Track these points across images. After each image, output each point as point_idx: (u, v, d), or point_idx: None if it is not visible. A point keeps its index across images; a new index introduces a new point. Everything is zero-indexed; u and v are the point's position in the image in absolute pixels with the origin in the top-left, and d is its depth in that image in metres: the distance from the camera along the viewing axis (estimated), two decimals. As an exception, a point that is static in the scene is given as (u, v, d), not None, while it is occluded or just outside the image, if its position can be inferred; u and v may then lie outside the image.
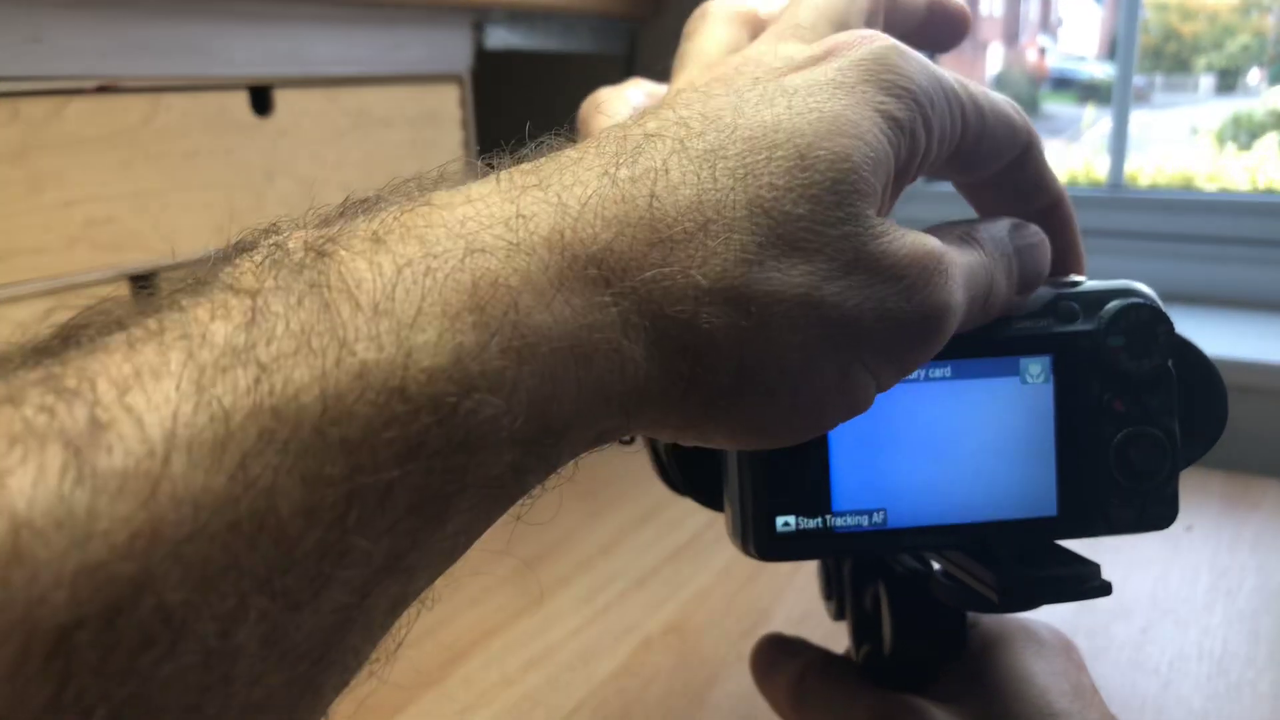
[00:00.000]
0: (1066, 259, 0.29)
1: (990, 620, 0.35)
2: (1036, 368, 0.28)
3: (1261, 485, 0.79)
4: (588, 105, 0.29)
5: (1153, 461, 0.28)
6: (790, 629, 0.60)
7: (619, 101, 0.29)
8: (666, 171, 0.20)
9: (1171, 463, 0.28)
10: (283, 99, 0.70)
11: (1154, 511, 0.28)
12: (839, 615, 0.39)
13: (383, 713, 0.53)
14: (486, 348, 0.17)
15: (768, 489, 0.27)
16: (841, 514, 0.28)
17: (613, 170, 0.20)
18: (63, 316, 0.17)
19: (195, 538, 0.14)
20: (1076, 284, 0.29)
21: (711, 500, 0.32)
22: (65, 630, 0.13)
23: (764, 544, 0.28)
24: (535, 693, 0.54)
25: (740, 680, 0.54)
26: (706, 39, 0.27)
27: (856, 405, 0.22)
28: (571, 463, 0.21)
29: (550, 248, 0.19)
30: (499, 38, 0.87)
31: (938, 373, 0.28)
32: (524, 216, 0.19)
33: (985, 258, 0.25)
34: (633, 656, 0.57)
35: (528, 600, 0.64)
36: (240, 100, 0.67)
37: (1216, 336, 0.92)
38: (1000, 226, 0.27)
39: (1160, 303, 0.28)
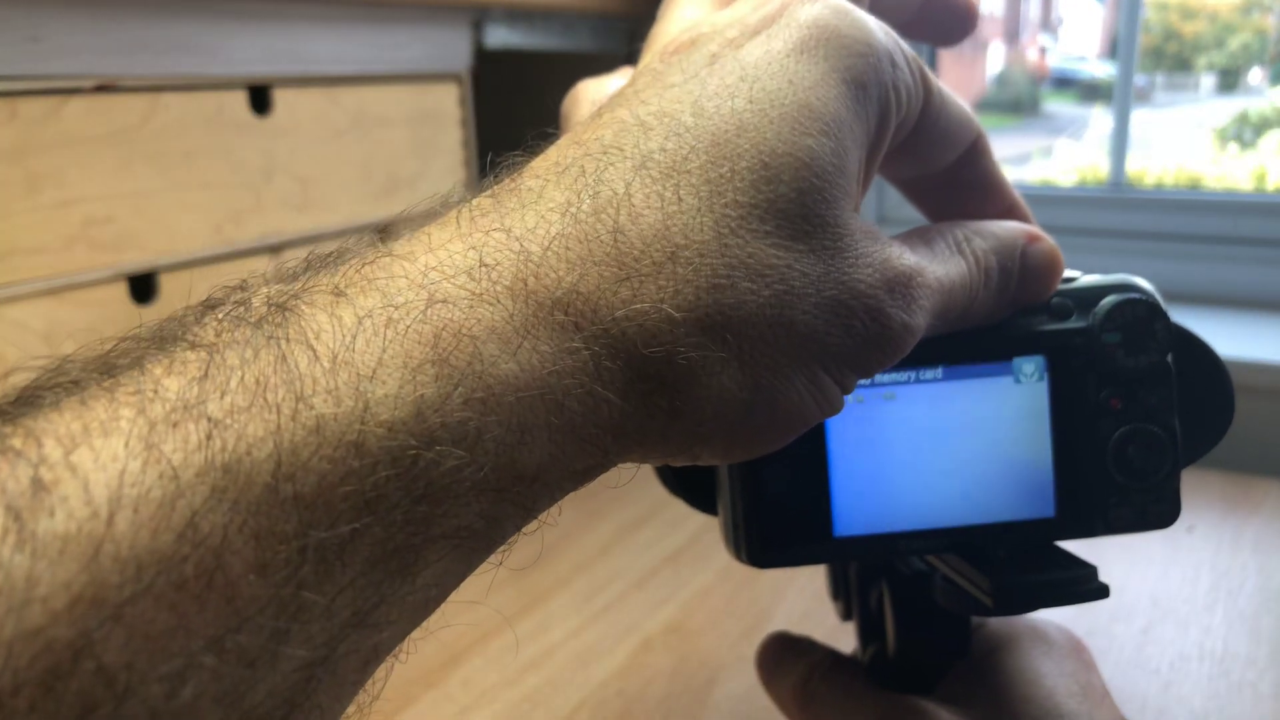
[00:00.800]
0: None
1: (997, 620, 0.35)
2: (1030, 367, 0.27)
3: (1263, 486, 0.78)
4: (569, 100, 0.29)
5: (1152, 459, 0.27)
6: (791, 629, 0.60)
7: (600, 94, 0.28)
8: (629, 198, 0.20)
9: (1172, 460, 0.27)
10: (281, 98, 0.70)
11: (1155, 510, 0.28)
12: (846, 615, 0.39)
13: (382, 714, 0.52)
14: (449, 399, 0.17)
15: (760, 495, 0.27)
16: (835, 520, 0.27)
17: (575, 204, 0.20)
18: (21, 379, 0.17)
19: (139, 599, 0.14)
20: (1071, 280, 0.28)
21: (705, 504, 0.32)
22: (1, 697, 0.13)
23: (757, 552, 0.27)
24: (535, 694, 0.54)
25: (740, 681, 0.54)
26: (675, 18, 0.26)
27: (831, 407, 0.22)
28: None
29: (514, 296, 0.18)
30: (498, 37, 0.87)
31: (929, 374, 0.27)
32: (486, 265, 0.19)
33: (970, 273, 0.25)
34: (632, 657, 0.57)
35: (527, 601, 0.64)
36: (239, 99, 0.67)
37: (1218, 336, 0.91)
38: (1009, 237, 0.26)
39: (1159, 297, 0.28)
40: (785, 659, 0.37)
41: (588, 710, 0.52)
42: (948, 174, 0.27)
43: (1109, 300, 0.27)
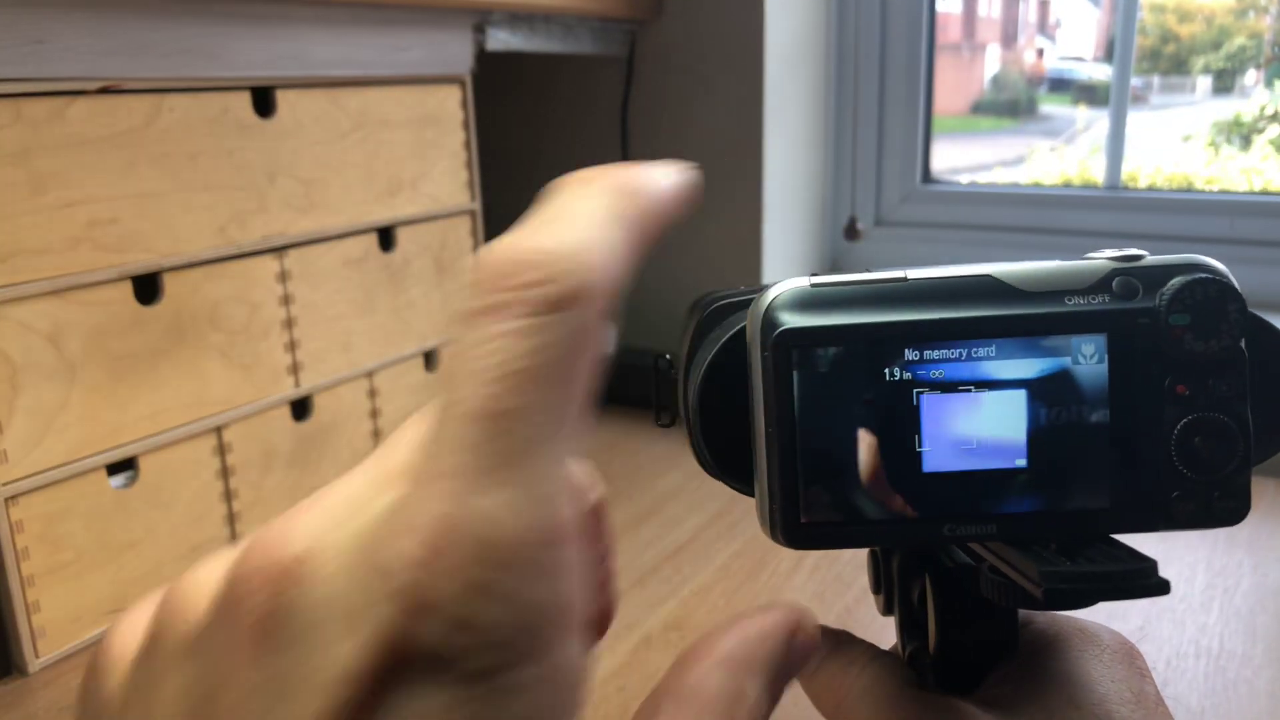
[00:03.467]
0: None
1: (1045, 620, 0.33)
2: (1090, 348, 0.26)
3: (1258, 486, 0.79)
4: None
5: (1220, 451, 0.25)
6: (790, 627, 0.60)
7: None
8: None
9: (1243, 453, 0.25)
10: (285, 100, 0.70)
11: (1222, 506, 0.26)
12: (887, 610, 0.37)
13: (385, 711, 0.53)
14: None
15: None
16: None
17: None
18: None
19: None
20: (1138, 258, 0.26)
21: (745, 484, 0.31)
22: None
23: (792, 532, 0.26)
24: (536, 691, 0.55)
25: (740, 678, 0.55)
26: None
27: None
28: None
29: None
30: (499, 40, 0.87)
31: (981, 351, 0.26)
32: None
33: None
34: (633, 654, 0.58)
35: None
36: (243, 101, 0.68)
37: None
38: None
39: (1232, 279, 0.26)
40: (823, 654, 0.36)
41: (589, 707, 0.53)
42: None
43: (1177, 280, 0.25)
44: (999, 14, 1.33)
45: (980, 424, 0.26)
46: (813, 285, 0.25)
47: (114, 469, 0.62)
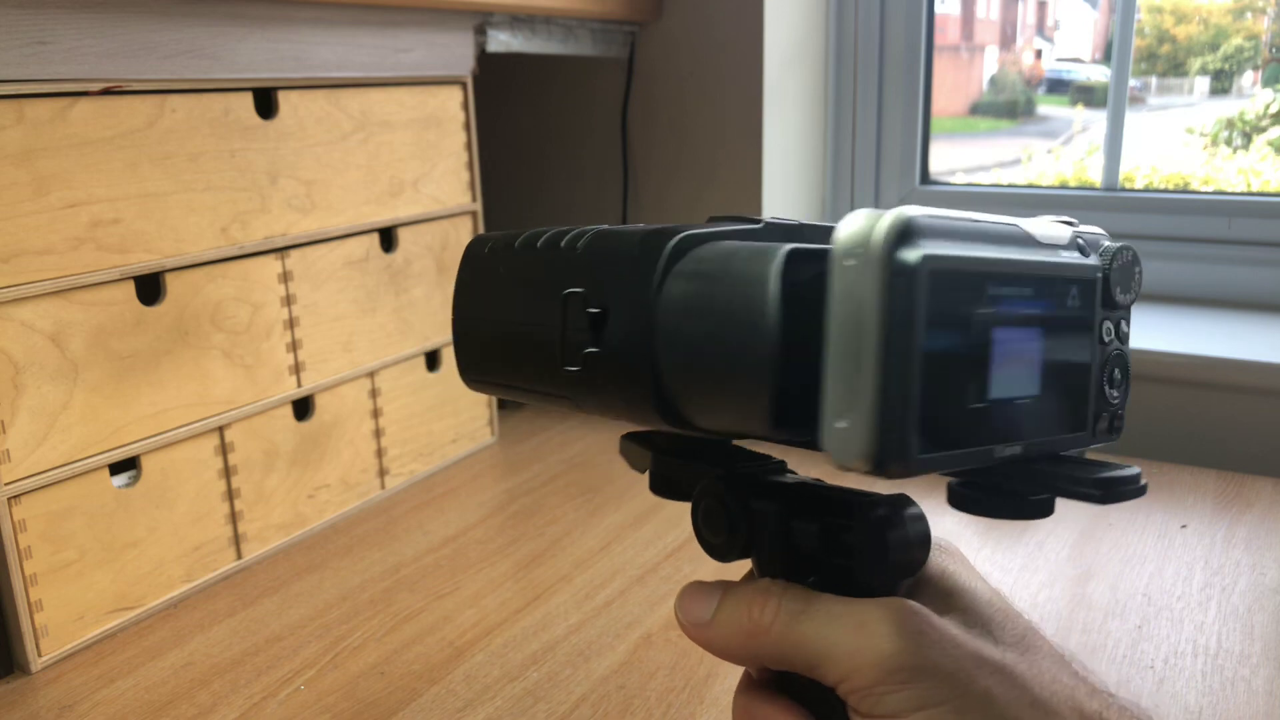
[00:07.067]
0: None
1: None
2: (1075, 292, 0.30)
3: (1255, 484, 0.79)
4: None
5: (1124, 380, 0.31)
6: (789, 626, 0.61)
7: None
8: None
9: (1129, 383, 0.31)
10: (286, 101, 0.71)
11: (1116, 427, 0.32)
12: (744, 553, 0.36)
13: (386, 709, 0.53)
14: None
15: None
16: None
17: None
18: None
19: None
20: (1075, 223, 0.31)
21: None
22: None
23: (908, 462, 0.26)
24: (537, 688, 0.55)
25: (739, 676, 0.55)
26: None
27: None
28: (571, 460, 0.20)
29: None
30: (500, 41, 0.88)
31: (1026, 292, 0.29)
32: None
33: None
34: (633, 652, 0.58)
35: (529, 597, 0.65)
36: (245, 102, 0.68)
37: (1211, 336, 0.92)
38: None
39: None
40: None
41: (589, 705, 0.53)
42: None
43: (1110, 245, 0.31)
44: (997, 16, 1.33)
45: (1022, 356, 0.29)
46: (924, 216, 0.26)
47: (116, 468, 0.62)
